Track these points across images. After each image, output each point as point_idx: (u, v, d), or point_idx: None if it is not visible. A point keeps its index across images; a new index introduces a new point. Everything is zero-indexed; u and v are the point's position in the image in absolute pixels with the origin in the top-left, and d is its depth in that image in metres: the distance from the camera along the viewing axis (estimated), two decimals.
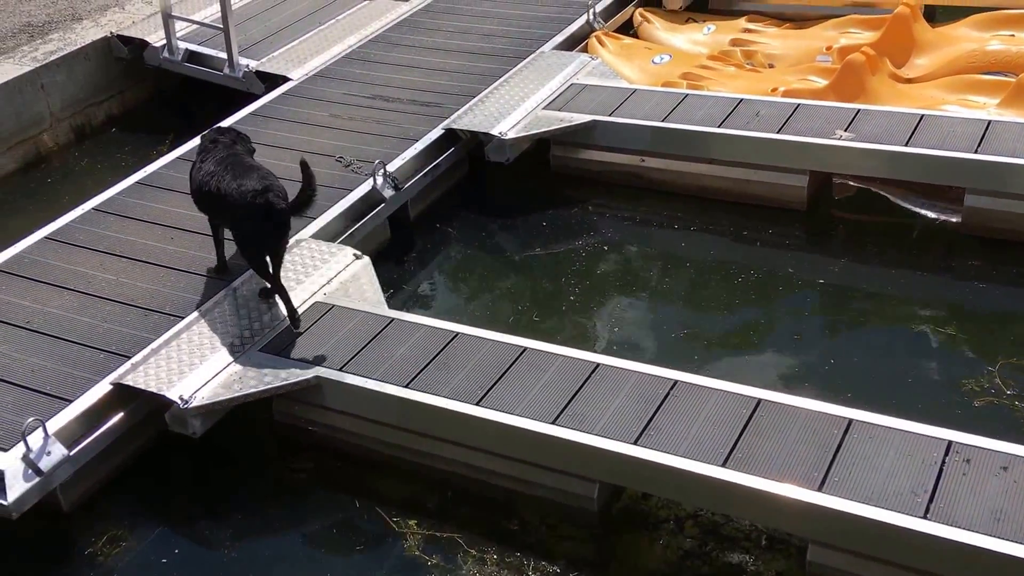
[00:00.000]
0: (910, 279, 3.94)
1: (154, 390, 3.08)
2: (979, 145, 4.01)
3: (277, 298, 3.36)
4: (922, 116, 4.26)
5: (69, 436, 3.00)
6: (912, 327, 3.64)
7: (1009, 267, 3.88)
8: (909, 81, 5.04)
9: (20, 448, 2.89)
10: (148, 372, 3.16)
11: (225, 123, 4.80)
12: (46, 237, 3.97)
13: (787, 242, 4.20)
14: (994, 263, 3.91)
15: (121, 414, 3.14)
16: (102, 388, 3.13)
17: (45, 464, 2.89)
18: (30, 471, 2.87)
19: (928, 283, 3.90)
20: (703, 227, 4.31)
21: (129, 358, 3.24)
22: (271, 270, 3.28)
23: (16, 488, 2.83)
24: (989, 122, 4.16)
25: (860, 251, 4.12)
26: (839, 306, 3.86)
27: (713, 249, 4.19)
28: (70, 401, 3.08)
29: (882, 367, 3.44)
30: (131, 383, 3.12)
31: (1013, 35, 5.14)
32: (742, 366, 3.48)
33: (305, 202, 3.22)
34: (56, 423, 2.99)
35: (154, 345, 3.29)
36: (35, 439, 2.91)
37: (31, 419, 2.91)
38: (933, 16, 5.67)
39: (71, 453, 2.97)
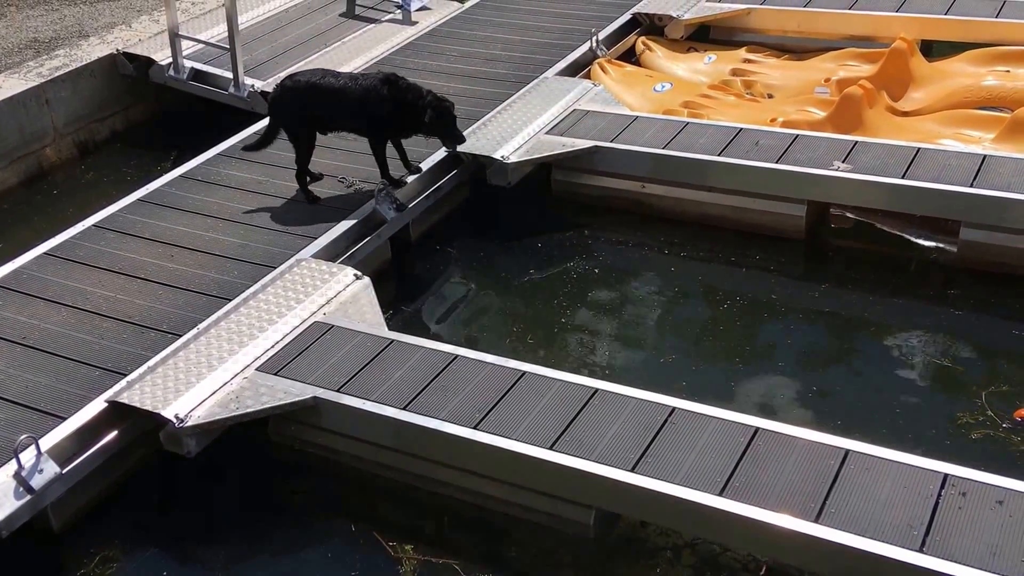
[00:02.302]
0: (906, 310, 3.96)
1: (149, 408, 3.06)
2: (975, 179, 4.05)
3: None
4: (918, 149, 4.30)
5: (62, 454, 2.97)
6: (908, 358, 3.65)
7: (1005, 300, 3.90)
8: (906, 114, 5.10)
9: (12, 465, 2.86)
10: (144, 390, 3.14)
11: (228, 142, 4.85)
12: (45, 253, 3.97)
13: (784, 270, 4.22)
14: (990, 296, 3.94)
15: (115, 432, 3.12)
16: (97, 405, 3.11)
17: (37, 482, 2.87)
18: (21, 489, 2.84)
19: (924, 314, 3.92)
20: (702, 254, 4.33)
21: (125, 375, 3.23)
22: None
23: (6, 506, 2.80)
24: (984, 157, 4.21)
25: (856, 281, 4.14)
26: (834, 335, 3.87)
27: (711, 276, 4.21)
28: (64, 418, 3.06)
29: (877, 397, 3.44)
30: (126, 401, 3.10)
31: (1008, 71, 5.22)
32: (736, 393, 3.48)
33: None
34: (49, 440, 2.97)
35: (151, 363, 3.28)
36: (27, 456, 2.88)
37: (24, 436, 2.89)
38: (930, 51, 5.75)
39: (63, 471, 2.94)
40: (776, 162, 4.31)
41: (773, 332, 3.86)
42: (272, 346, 3.34)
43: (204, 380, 3.16)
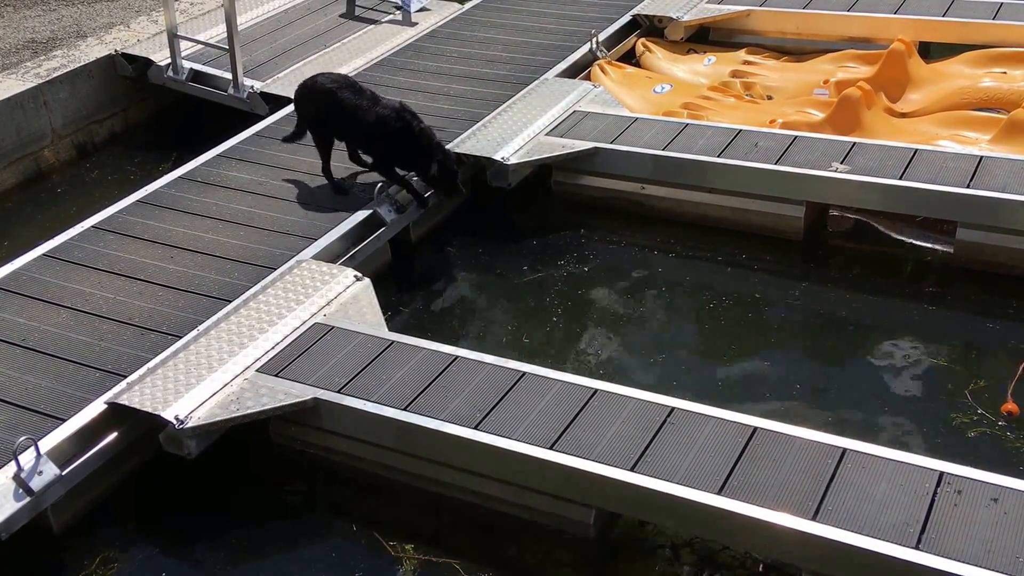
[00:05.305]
0: (904, 310, 3.98)
1: (149, 410, 3.07)
2: (971, 180, 4.07)
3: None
4: (916, 151, 4.32)
5: (62, 455, 2.98)
6: (905, 357, 3.66)
7: (1001, 299, 3.92)
8: (904, 116, 5.12)
9: (11, 467, 2.87)
10: (144, 391, 3.15)
11: (227, 143, 4.85)
12: (44, 254, 3.97)
13: (782, 271, 4.24)
14: (985, 295, 3.96)
15: (115, 434, 3.12)
16: (96, 407, 3.12)
17: (36, 484, 2.87)
18: (20, 491, 2.84)
19: (922, 314, 3.93)
20: (701, 255, 4.35)
21: (125, 377, 3.24)
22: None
23: (6, 508, 2.80)
24: (981, 158, 4.23)
25: (854, 281, 4.16)
26: (832, 335, 3.88)
27: (710, 276, 4.23)
28: (63, 420, 3.06)
29: (875, 396, 3.46)
30: (126, 402, 3.11)
31: (1005, 72, 5.24)
32: (734, 393, 3.49)
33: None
34: (49, 442, 2.97)
35: (151, 364, 3.28)
36: (26, 458, 2.89)
37: (23, 438, 2.89)
38: (927, 52, 5.77)
39: (63, 473, 2.94)
40: (775, 163, 4.32)
41: (771, 332, 3.87)
42: (272, 347, 3.35)
43: (204, 381, 3.17)
